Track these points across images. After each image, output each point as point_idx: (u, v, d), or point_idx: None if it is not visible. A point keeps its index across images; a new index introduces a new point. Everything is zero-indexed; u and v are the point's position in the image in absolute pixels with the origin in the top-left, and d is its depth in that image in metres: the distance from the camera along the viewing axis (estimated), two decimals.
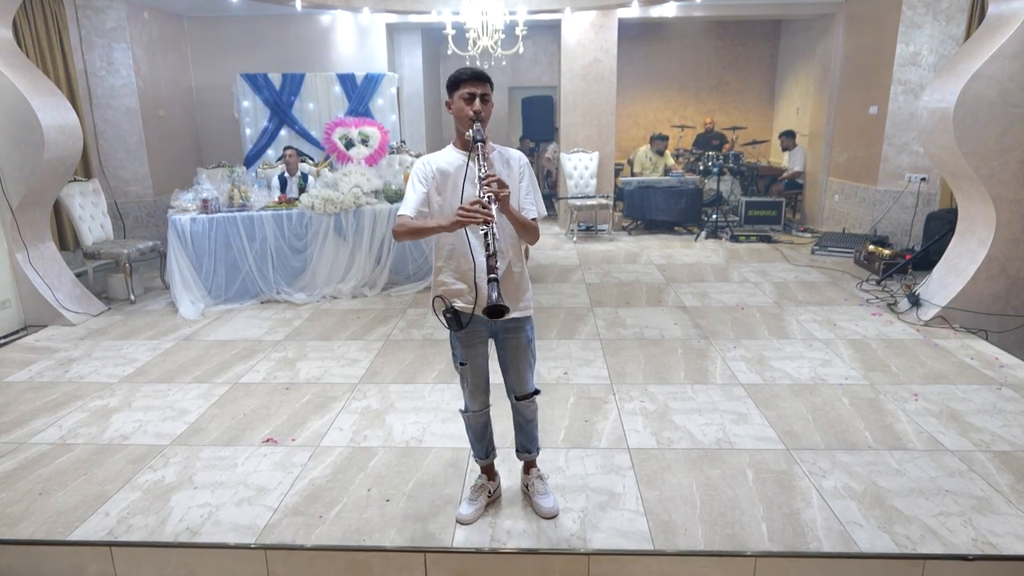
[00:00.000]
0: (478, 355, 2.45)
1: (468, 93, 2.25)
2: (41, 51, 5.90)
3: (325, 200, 5.40)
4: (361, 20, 7.98)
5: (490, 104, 2.29)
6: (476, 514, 2.54)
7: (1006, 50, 4.21)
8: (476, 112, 2.24)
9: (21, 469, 2.95)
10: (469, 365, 2.45)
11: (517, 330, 2.43)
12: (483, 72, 2.29)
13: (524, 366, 2.47)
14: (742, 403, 3.49)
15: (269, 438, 3.20)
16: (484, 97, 2.26)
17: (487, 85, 2.28)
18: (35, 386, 3.88)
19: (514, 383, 2.50)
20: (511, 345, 2.44)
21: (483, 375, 2.50)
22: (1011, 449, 3.00)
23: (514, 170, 2.36)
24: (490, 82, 2.30)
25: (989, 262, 4.50)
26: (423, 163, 2.37)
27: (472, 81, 2.26)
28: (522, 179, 2.37)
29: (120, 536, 2.47)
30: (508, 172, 2.35)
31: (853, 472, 2.82)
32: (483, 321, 2.36)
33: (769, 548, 2.35)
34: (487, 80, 2.29)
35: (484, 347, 2.47)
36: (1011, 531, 2.42)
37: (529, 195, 2.38)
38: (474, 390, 2.50)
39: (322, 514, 2.58)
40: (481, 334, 2.42)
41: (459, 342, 2.43)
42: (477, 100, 2.25)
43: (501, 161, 2.36)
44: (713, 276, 6.14)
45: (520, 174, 2.37)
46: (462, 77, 2.27)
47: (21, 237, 4.83)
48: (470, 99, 2.25)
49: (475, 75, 2.27)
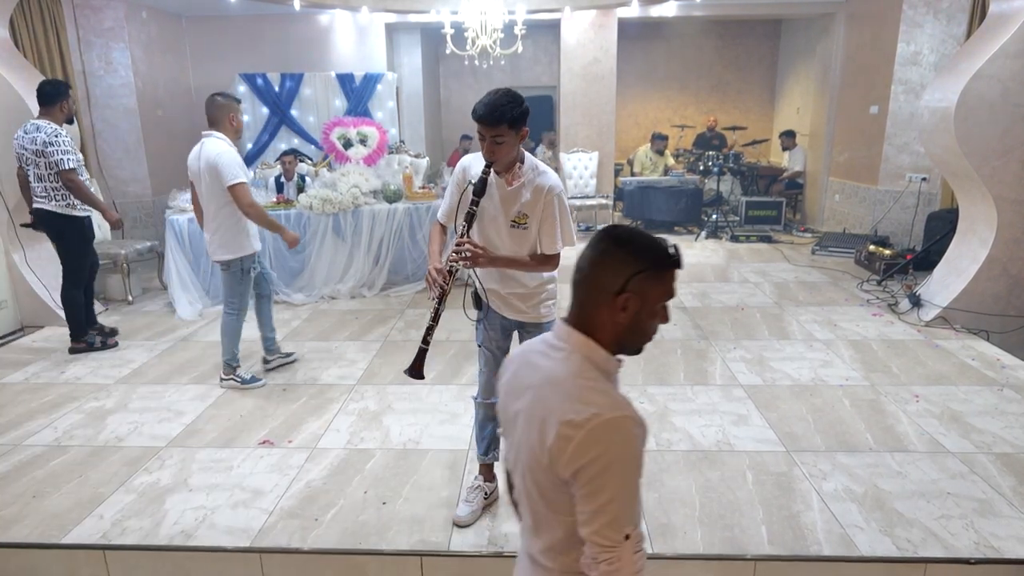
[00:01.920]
0: (495, 342, 2.49)
1: (479, 133, 2.15)
2: (39, 51, 5.87)
3: (323, 200, 5.38)
4: (360, 20, 7.96)
5: (507, 145, 2.14)
6: (473, 516, 2.52)
7: (1007, 49, 4.18)
8: (489, 159, 2.17)
9: (15, 471, 2.93)
10: (485, 348, 2.51)
11: (536, 332, 2.42)
12: (495, 110, 2.09)
13: None
14: (742, 404, 3.47)
15: (265, 440, 3.18)
16: (497, 139, 2.12)
17: (499, 126, 2.10)
18: (31, 387, 3.86)
19: None
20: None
21: (497, 366, 2.48)
22: (1013, 451, 2.98)
23: (541, 199, 2.26)
24: (507, 121, 2.10)
25: (990, 262, 4.48)
26: (462, 169, 2.37)
27: (483, 124, 2.12)
28: (547, 209, 2.27)
29: (114, 539, 2.45)
30: (534, 200, 2.26)
31: (854, 474, 2.80)
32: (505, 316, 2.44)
33: (769, 551, 2.33)
34: (499, 121, 2.09)
35: (504, 337, 2.49)
36: (1013, 534, 2.40)
37: (552, 228, 2.29)
38: (487, 377, 2.52)
39: (318, 517, 2.56)
40: (504, 323, 2.47)
41: (482, 324, 2.50)
42: (487, 141, 2.13)
43: (531, 189, 2.26)
44: (713, 276, 6.12)
45: (546, 204, 2.27)
46: (475, 111, 2.12)
47: (18, 237, 4.80)
48: (482, 138, 2.15)
49: (483, 117, 2.10)
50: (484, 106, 2.10)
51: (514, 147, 2.18)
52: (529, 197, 2.26)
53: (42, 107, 4.15)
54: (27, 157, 4.09)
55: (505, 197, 2.27)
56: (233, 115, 3.61)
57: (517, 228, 2.28)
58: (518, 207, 2.27)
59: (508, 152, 2.17)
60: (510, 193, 2.26)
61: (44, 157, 4.04)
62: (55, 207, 4.15)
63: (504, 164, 2.21)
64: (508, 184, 2.25)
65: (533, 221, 2.29)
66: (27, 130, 4.09)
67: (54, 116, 4.12)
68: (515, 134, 2.15)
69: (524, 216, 2.28)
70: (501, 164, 2.20)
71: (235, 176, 3.46)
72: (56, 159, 4.02)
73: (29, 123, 4.12)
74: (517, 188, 2.26)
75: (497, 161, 2.17)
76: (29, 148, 4.06)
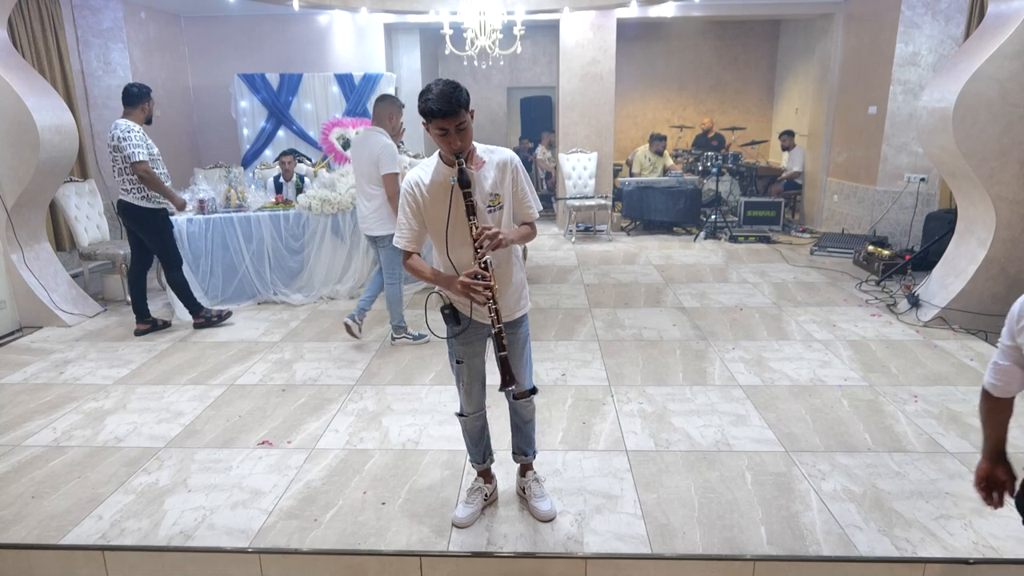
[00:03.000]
0: (475, 354, 2.43)
1: (441, 128, 2.07)
2: (37, 51, 5.87)
3: (322, 201, 5.38)
4: (359, 20, 7.96)
5: (468, 129, 2.11)
6: (472, 517, 2.51)
7: (1006, 50, 4.19)
8: (457, 150, 2.10)
9: (14, 472, 2.92)
10: (466, 364, 2.43)
11: (515, 327, 2.41)
12: (451, 100, 2.03)
13: (521, 363, 2.45)
14: (741, 405, 3.47)
15: (264, 440, 3.17)
16: (460, 128, 2.08)
17: (460, 113, 2.05)
18: (29, 388, 3.85)
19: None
20: (509, 342, 2.42)
21: (480, 375, 2.48)
22: (1011, 451, 2.97)
23: (506, 175, 2.29)
24: (463, 105, 2.06)
25: (989, 263, 4.48)
26: (410, 185, 2.25)
27: (441, 119, 2.04)
28: (516, 182, 2.32)
29: (113, 540, 2.45)
30: (499, 179, 2.28)
31: (853, 474, 2.80)
32: (479, 323, 2.35)
33: (768, 552, 2.33)
34: (458, 108, 2.04)
35: (482, 347, 2.44)
36: (1012, 535, 2.40)
37: (525, 197, 2.34)
38: (469, 390, 2.48)
39: (317, 517, 2.56)
40: (480, 332, 2.40)
41: (456, 340, 2.40)
42: (452, 136, 2.08)
43: (492, 167, 2.27)
44: (712, 277, 6.12)
45: (513, 177, 2.31)
46: (431, 110, 2.03)
47: (16, 238, 4.80)
48: (444, 134, 2.09)
49: (443, 110, 2.03)
50: (438, 100, 2.02)
51: (472, 129, 2.17)
52: (495, 175, 2.27)
53: (125, 107, 4.46)
54: (110, 154, 4.45)
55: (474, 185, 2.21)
56: (392, 115, 4.18)
57: (494, 211, 2.27)
58: (489, 189, 2.26)
59: (471, 136, 2.17)
60: (478, 178, 2.23)
61: (119, 152, 4.37)
62: (134, 199, 4.49)
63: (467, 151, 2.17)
64: (476, 170, 2.23)
65: (505, 198, 2.29)
66: (110, 130, 4.45)
67: (135, 116, 4.46)
68: (469, 116, 2.12)
69: (497, 196, 2.27)
70: (467, 151, 2.16)
71: (391, 168, 4.06)
72: (128, 153, 4.34)
73: (112, 124, 4.46)
74: (482, 171, 2.24)
75: (464, 148, 2.14)
76: (110, 145, 4.43)
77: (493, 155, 2.29)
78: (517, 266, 2.41)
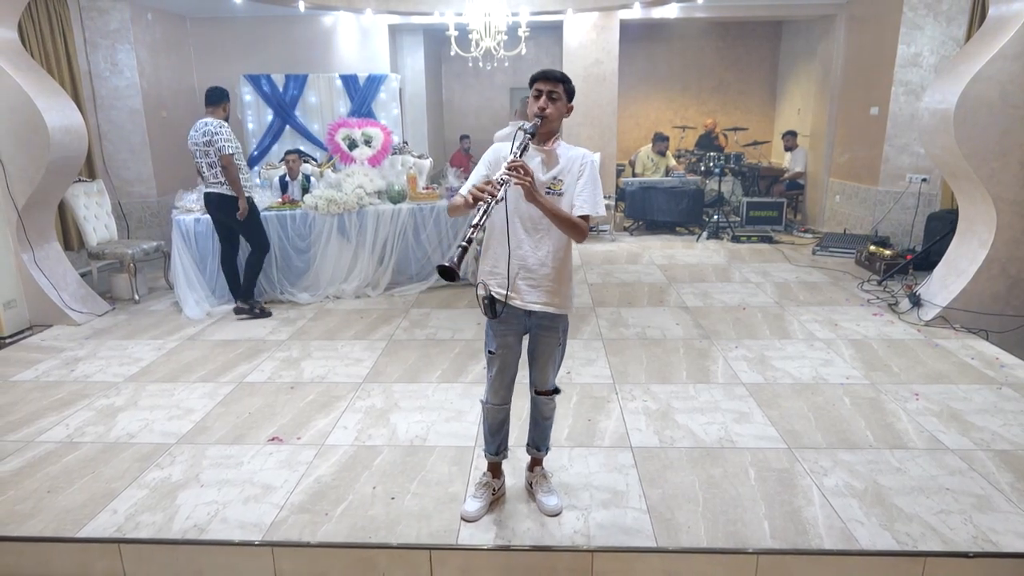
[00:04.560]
0: (509, 347, 2.48)
1: (537, 90, 2.33)
2: (46, 52, 5.93)
3: (328, 200, 5.43)
4: (363, 21, 8.01)
5: (560, 102, 2.33)
6: (481, 511, 2.56)
7: (1006, 51, 4.23)
8: (541, 109, 2.30)
9: (29, 467, 2.97)
10: (498, 355, 2.48)
11: (551, 328, 2.46)
12: (555, 72, 2.34)
13: (550, 363, 2.51)
14: (744, 402, 3.51)
15: (274, 437, 3.22)
16: (551, 95, 2.30)
17: (558, 84, 2.32)
18: (41, 385, 3.91)
19: (538, 378, 2.54)
20: (543, 340, 2.48)
21: (511, 369, 2.52)
22: (1011, 448, 3.02)
23: (575, 166, 2.37)
24: (564, 82, 2.34)
25: (990, 262, 4.52)
26: (494, 149, 2.45)
27: (542, 80, 2.33)
28: (581, 176, 2.36)
29: (128, 533, 2.50)
30: (568, 168, 2.36)
31: (854, 471, 2.84)
32: (518, 314, 2.42)
33: (771, 545, 2.37)
34: (558, 79, 2.33)
35: (517, 341, 2.49)
36: (1011, 529, 2.44)
37: (584, 192, 2.35)
38: (498, 382, 2.52)
39: (328, 511, 2.61)
40: (515, 327, 2.45)
41: (493, 331, 2.47)
42: (544, 97, 2.30)
43: (567, 159, 2.37)
44: (715, 276, 6.16)
45: (580, 171, 2.37)
46: (535, 76, 2.35)
47: (27, 237, 4.86)
48: (538, 96, 2.32)
49: (545, 74, 2.34)
50: (546, 70, 2.35)
51: (561, 114, 2.35)
52: (565, 164, 2.36)
53: (208, 107, 4.92)
54: (199, 149, 4.85)
55: (543, 160, 2.36)
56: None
57: (551, 194, 2.33)
58: (555, 172, 2.35)
59: (557, 114, 2.32)
60: (548, 155, 2.36)
61: (212, 145, 4.79)
62: (225, 190, 4.90)
63: (548, 128, 2.32)
64: (547, 146, 2.36)
65: (568, 188, 2.36)
66: (197, 127, 4.87)
67: (217, 115, 4.90)
68: (565, 100, 2.34)
69: (559, 182, 2.35)
70: (547, 125, 2.30)
71: None
72: (220, 145, 4.77)
73: (199, 121, 4.89)
74: (554, 152, 2.36)
75: (547, 117, 2.29)
76: (201, 141, 4.82)
77: (571, 150, 2.41)
78: (569, 259, 2.45)
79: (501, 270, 2.36)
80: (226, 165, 4.79)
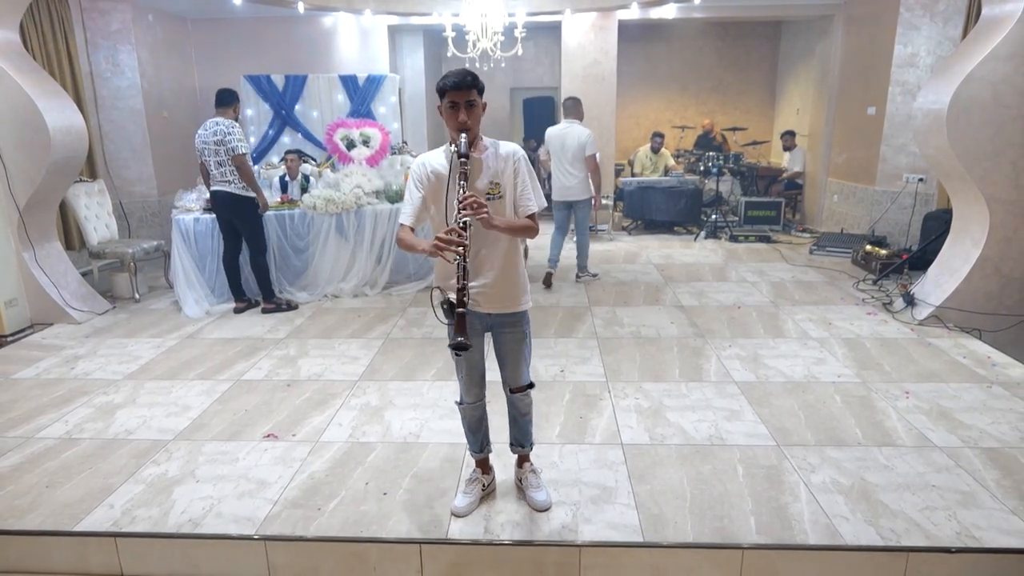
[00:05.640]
0: (473, 347, 2.50)
1: (451, 103, 2.24)
2: (47, 53, 5.98)
3: (327, 200, 5.47)
4: (363, 22, 8.05)
5: (477, 107, 2.27)
6: (471, 507, 2.60)
7: (999, 52, 4.25)
8: (462, 123, 2.24)
9: (28, 463, 3.02)
10: (463, 356, 2.49)
11: (514, 325, 2.49)
12: (465, 77, 2.23)
13: (520, 360, 2.54)
14: (735, 400, 3.55)
15: (270, 433, 3.26)
16: (469, 104, 2.24)
17: (471, 91, 2.24)
18: (42, 383, 3.95)
19: (509, 376, 2.57)
20: (508, 339, 2.51)
21: (477, 367, 2.56)
22: (998, 445, 3.05)
23: (508, 167, 2.38)
24: (476, 85, 2.25)
25: (982, 262, 4.54)
26: (420, 164, 2.41)
27: (454, 91, 2.23)
28: (517, 174, 2.39)
29: (125, 527, 2.54)
30: (502, 170, 2.37)
31: (842, 467, 2.87)
32: (478, 315, 2.43)
33: (757, 541, 2.41)
34: (471, 85, 2.24)
35: (479, 340, 2.52)
36: (994, 525, 2.47)
37: (526, 190, 2.40)
38: (468, 381, 2.57)
39: (321, 506, 2.65)
40: (476, 327, 2.47)
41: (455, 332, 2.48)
42: (462, 110, 2.23)
43: (496, 158, 2.38)
44: (711, 276, 6.19)
45: (515, 171, 2.38)
46: (445, 86, 2.24)
47: (28, 237, 4.91)
48: (454, 108, 2.24)
49: (456, 83, 2.22)
50: (454, 75, 2.23)
51: (480, 116, 2.30)
52: (498, 164, 2.36)
53: (218, 108, 5.00)
54: (209, 148, 4.91)
55: (475, 169, 2.32)
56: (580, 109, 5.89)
57: (493, 199, 2.34)
58: (489, 177, 2.35)
59: (478, 118, 2.29)
60: (479, 163, 2.34)
61: (223, 145, 4.86)
62: (235, 189, 4.98)
63: (472, 133, 2.28)
64: (477, 154, 2.33)
65: (507, 189, 2.37)
66: (207, 126, 4.95)
67: (227, 115, 4.99)
68: (481, 101, 2.29)
69: (497, 186, 2.36)
70: (471, 134, 2.26)
71: (594, 150, 5.73)
72: (232, 145, 4.86)
73: (209, 121, 4.98)
74: (483, 157, 2.35)
75: (470, 127, 2.25)
76: (211, 140, 4.89)
77: (499, 147, 2.40)
78: (518, 260, 2.48)
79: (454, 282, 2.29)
80: (239, 165, 4.88)
